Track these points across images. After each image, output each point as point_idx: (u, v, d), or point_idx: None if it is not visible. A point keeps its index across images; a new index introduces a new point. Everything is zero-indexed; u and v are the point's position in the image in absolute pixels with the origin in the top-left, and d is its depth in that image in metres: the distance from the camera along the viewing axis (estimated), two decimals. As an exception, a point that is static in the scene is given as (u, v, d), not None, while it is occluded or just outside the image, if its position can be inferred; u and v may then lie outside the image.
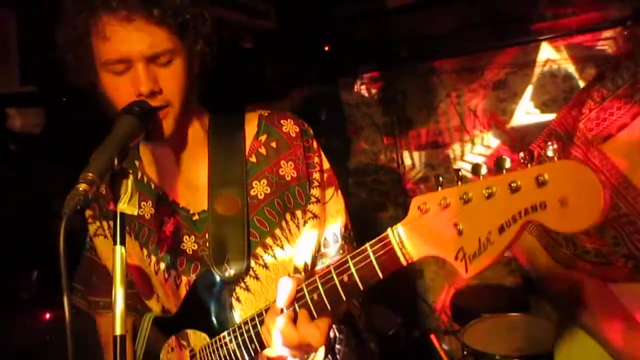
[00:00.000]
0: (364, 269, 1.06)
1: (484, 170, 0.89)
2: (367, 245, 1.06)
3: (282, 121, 1.49)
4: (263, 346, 1.27)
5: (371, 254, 1.04)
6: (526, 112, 4.34)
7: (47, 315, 3.22)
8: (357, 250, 1.08)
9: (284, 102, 4.98)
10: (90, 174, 1.02)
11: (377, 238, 1.05)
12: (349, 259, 1.08)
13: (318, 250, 1.52)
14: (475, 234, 0.88)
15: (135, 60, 1.25)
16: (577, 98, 1.59)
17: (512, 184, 0.83)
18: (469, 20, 4.32)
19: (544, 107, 4.27)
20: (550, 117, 4.17)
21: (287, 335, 1.15)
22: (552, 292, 1.73)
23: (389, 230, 1.02)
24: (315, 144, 1.51)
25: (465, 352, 2.97)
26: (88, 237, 1.69)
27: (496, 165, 0.87)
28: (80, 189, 1.00)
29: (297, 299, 1.17)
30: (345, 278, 1.08)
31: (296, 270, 1.48)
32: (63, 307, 0.96)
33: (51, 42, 1.39)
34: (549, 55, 4.19)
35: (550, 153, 0.81)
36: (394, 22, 4.55)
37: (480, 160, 4.54)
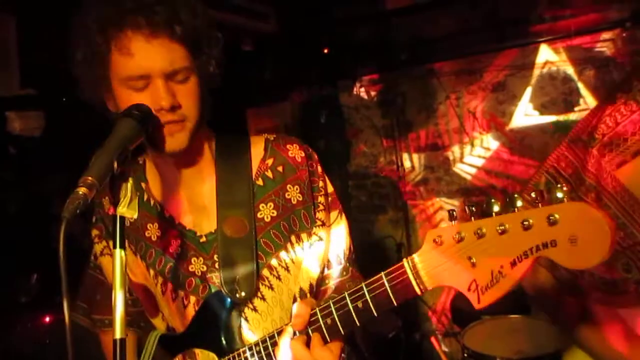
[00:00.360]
0: (379, 296, 1.12)
1: (496, 208, 0.95)
2: (383, 274, 1.12)
3: (287, 146, 1.53)
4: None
5: (386, 283, 1.10)
6: (525, 114, 4.34)
7: (47, 319, 3.22)
8: (372, 279, 1.14)
9: (283, 105, 4.99)
10: (89, 178, 1.03)
11: (392, 267, 1.11)
12: (364, 287, 1.14)
13: (322, 272, 1.56)
14: (488, 267, 0.95)
15: (155, 76, 1.29)
16: (580, 130, 1.58)
17: (525, 222, 0.89)
18: (468, 22, 4.33)
19: (543, 109, 4.28)
20: (550, 119, 4.21)
21: (300, 358, 1.20)
22: (547, 308, 1.74)
23: (404, 261, 1.08)
24: (319, 169, 1.56)
25: (465, 354, 2.96)
26: (93, 256, 1.71)
27: (508, 203, 0.94)
28: (80, 192, 1.00)
29: (310, 323, 1.22)
30: (360, 304, 1.14)
31: (301, 291, 1.52)
32: (62, 311, 0.97)
33: (51, 46, 1.40)
34: (548, 57, 4.20)
35: (559, 194, 0.88)
36: (393, 25, 4.57)
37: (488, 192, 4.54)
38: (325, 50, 4.63)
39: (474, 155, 4.59)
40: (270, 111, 5.11)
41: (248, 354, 1.36)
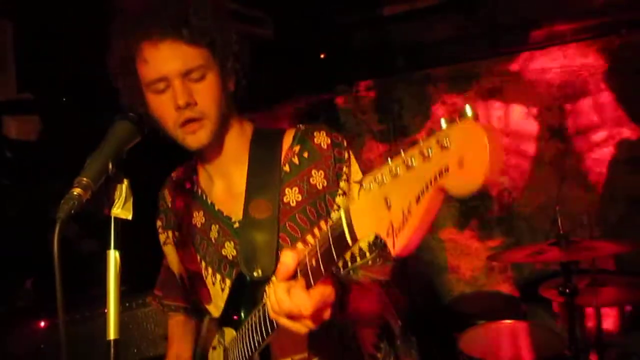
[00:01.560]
0: (325, 251, 1.08)
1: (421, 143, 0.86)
2: (329, 225, 1.12)
3: (315, 133, 1.58)
4: (273, 328, 1.29)
5: (329, 233, 1.06)
6: (521, 120, 4.36)
7: (43, 324, 3.20)
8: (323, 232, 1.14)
9: (280, 110, 5.00)
10: (84, 179, 1.04)
11: (334, 219, 1.05)
12: (317, 243, 1.12)
13: (352, 258, 1.52)
14: (399, 207, 0.87)
15: (172, 78, 1.40)
16: None
17: (424, 152, 0.81)
18: (464, 28, 4.36)
19: (538, 115, 4.30)
20: (545, 125, 4.22)
21: (279, 301, 1.14)
22: None
23: (341, 211, 1.02)
24: (346, 155, 1.58)
25: (461, 359, 2.97)
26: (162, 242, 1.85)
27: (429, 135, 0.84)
28: (75, 193, 1.01)
29: (300, 268, 1.15)
30: (313, 262, 1.10)
31: None
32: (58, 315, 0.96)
33: (48, 51, 1.45)
34: (544, 63, 4.22)
35: (459, 118, 0.79)
36: (390, 30, 4.59)
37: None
38: (322, 56, 4.64)
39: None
40: (266, 116, 5.12)
41: (255, 317, 1.36)
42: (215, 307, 1.67)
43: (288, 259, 1.17)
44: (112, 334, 1.04)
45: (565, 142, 4.18)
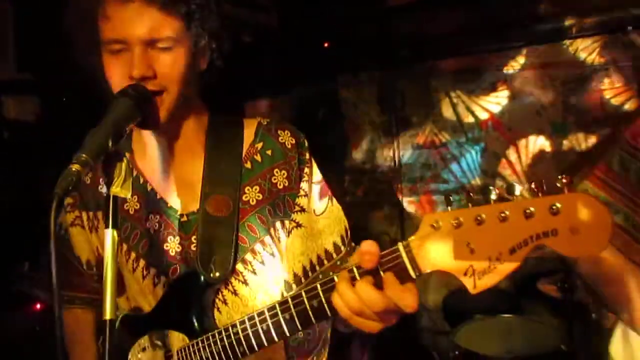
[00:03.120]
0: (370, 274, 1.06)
1: (493, 195, 0.96)
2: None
3: (279, 131, 1.50)
4: (252, 349, 1.25)
5: (379, 266, 1.06)
6: (524, 114, 4.34)
7: (38, 306, 3.20)
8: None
9: (282, 99, 4.98)
10: (83, 155, 1.01)
11: (387, 250, 1.07)
12: (354, 269, 1.08)
13: (319, 261, 1.51)
14: (486, 254, 0.95)
15: (133, 43, 1.25)
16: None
17: (527, 211, 0.91)
18: (469, 21, 4.32)
19: (542, 109, 4.28)
20: (548, 119, 4.20)
21: (370, 299, 1.04)
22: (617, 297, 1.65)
23: (399, 244, 1.06)
24: (307, 156, 1.52)
25: (456, 353, 2.96)
26: (58, 226, 1.61)
27: (507, 191, 0.95)
28: (73, 169, 0.98)
29: (381, 263, 1.07)
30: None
31: (295, 276, 1.48)
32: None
33: (48, 31, 1.39)
34: (548, 58, 4.19)
35: (560, 185, 0.90)
36: (394, 21, 4.55)
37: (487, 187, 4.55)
38: (326, 44, 4.61)
39: (471, 154, 4.58)
40: (268, 105, 5.10)
41: (224, 335, 1.29)
42: (131, 301, 1.54)
43: (373, 247, 1.07)
44: (108, 314, 1.02)
45: (568, 137, 4.17)
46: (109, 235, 1.06)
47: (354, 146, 5.14)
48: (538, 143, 4.28)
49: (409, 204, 4.93)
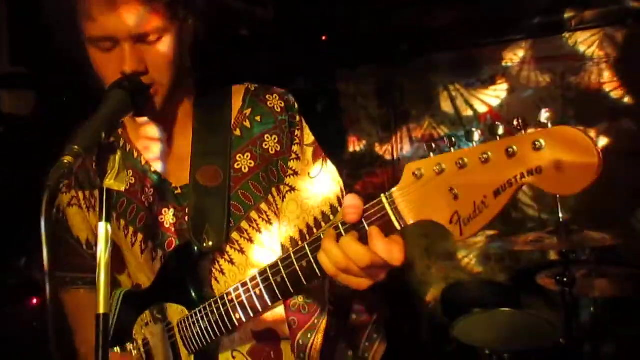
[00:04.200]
0: (360, 233, 1.05)
1: (476, 137, 0.92)
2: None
3: (267, 96, 1.48)
4: (248, 315, 1.25)
5: (363, 220, 1.04)
6: (523, 107, 4.33)
7: (35, 301, 3.18)
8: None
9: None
10: (76, 147, 0.99)
11: (370, 203, 1.04)
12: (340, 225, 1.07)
13: (316, 224, 1.48)
14: (470, 198, 0.91)
15: (122, 39, 1.23)
16: None
17: (509, 149, 0.86)
18: (467, 14, 4.30)
19: (541, 102, 4.26)
20: (547, 112, 4.18)
21: (357, 255, 1.02)
22: None
23: (382, 196, 1.02)
24: (298, 118, 1.50)
25: (455, 347, 2.96)
26: (55, 209, 1.64)
27: (489, 131, 0.90)
28: (65, 161, 0.96)
29: (365, 217, 1.05)
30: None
31: (292, 240, 1.46)
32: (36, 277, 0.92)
33: (42, 23, 1.36)
34: (547, 51, 4.18)
35: (543, 119, 0.84)
36: (392, 15, 4.53)
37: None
38: (324, 38, 4.58)
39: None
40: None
41: (220, 303, 1.29)
42: (133, 278, 1.54)
43: (356, 200, 1.05)
44: (101, 308, 1.00)
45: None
46: (103, 228, 1.05)
47: (353, 140, 5.12)
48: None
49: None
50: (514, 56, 4.32)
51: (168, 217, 1.47)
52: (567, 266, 2.84)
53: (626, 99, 3.99)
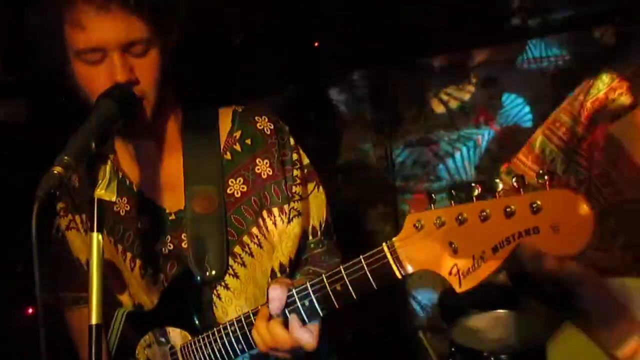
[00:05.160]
0: (358, 280, 1.10)
1: (476, 192, 0.96)
2: (362, 257, 1.11)
3: (256, 118, 1.49)
4: (251, 346, 1.29)
5: (365, 266, 1.09)
6: (515, 110, 4.34)
7: (31, 310, 3.17)
8: (351, 262, 1.12)
9: (273, 98, 4.95)
10: (66, 157, 1.00)
11: (371, 251, 1.10)
12: (342, 270, 1.12)
13: (300, 245, 1.53)
14: (469, 252, 0.95)
15: (111, 49, 1.24)
16: (585, 84, 1.61)
17: (507, 209, 0.90)
18: (459, 17, 4.31)
19: (533, 104, 4.28)
20: (539, 114, 4.20)
21: (280, 339, 1.18)
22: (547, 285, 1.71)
23: (384, 245, 1.08)
24: (291, 141, 1.52)
25: (453, 349, 2.95)
26: (55, 230, 1.67)
27: (489, 188, 0.94)
28: (55, 171, 0.97)
29: (287, 304, 1.19)
30: (339, 287, 1.13)
31: (281, 266, 1.48)
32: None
33: (29, 37, 1.37)
34: (539, 52, 4.20)
35: (540, 181, 0.89)
36: (384, 19, 4.54)
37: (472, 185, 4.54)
38: (316, 44, 4.59)
39: (463, 151, 4.58)
40: (259, 105, 5.06)
41: (223, 333, 1.33)
42: (135, 298, 1.56)
43: (278, 293, 1.19)
44: (94, 319, 1.00)
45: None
46: (95, 239, 1.05)
47: (347, 145, 5.12)
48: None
49: (402, 202, 4.92)
50: (507, 57, 4.34)
51: (165, 243, 1.48)
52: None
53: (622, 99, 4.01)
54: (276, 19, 4.08)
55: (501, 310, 3.19)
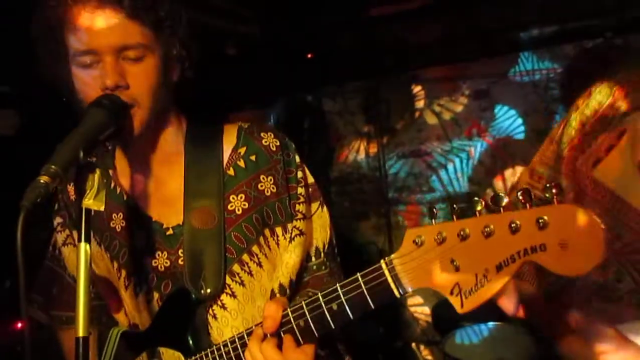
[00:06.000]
0: (355, 298, 1.06)
1: (479, 207, 0.90)
2: (359, 275, 1.06)
3: (262, 134, 1.46)
4: None
5: (363, 284, 1.05)
6: (507, 122, 4.36)
7: (20, 325, 3.12)
8: (348, 280, 1.08)
9: (267, 111, 4.95)
10: (53, 167, 0.98)
11: (369, 269, 1.05)
12: (339, 288, 1.09)
13: (302, 266, 1.48)
14: (472, 271, 0.89)
15: (104, 53, 1.22)
16: (554, 133, 1.53)
17: (512, 225, 0.84)
18: (452, 30, 4.34)
19: (525, 116, 4.30)
20: (531, 126, 4.22)
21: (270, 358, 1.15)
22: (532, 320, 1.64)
23: (382, 262, 1.03)
24: (297, 159, 1.48)
25: (447, 362, 2.93)
26: (51, 246, 1.63)
27: (493, 202, 0.88)
28: (42, 181, 0.95)
29: (282, 324, 1.17)
30: (335, 306, 1.09)
31: (281, 287, 1.43)
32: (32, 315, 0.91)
33: (24, 42, 1.35)
34: (531, 65, 4.23)
35: (547, 195, 0.83)
36: (377, 31, 4.56)
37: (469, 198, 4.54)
38: (309, 56, 4.60)
39: (456, 162, 4.59)
40: (252, 117, 5.07)
41: (216, 354, 1.30)
42: (130, 317, 1.51)
43: (273, 311, 1.17)
44: (80, 331, 0.98)
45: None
46: (82, 249, 1.03)
47: (340, 156, 5.12)
48: (523, 149, 4.29)
49: (395, 213, 4.92)
50: (499, 70, 4.36)
51: (161, 260, 1.43)
52: (557, 278, 2.83)
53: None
54: (270, 30, 4.09)
55: (495, 323, 3.19)
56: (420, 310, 4.55)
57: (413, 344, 3.54)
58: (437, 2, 4.29)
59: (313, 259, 1.50)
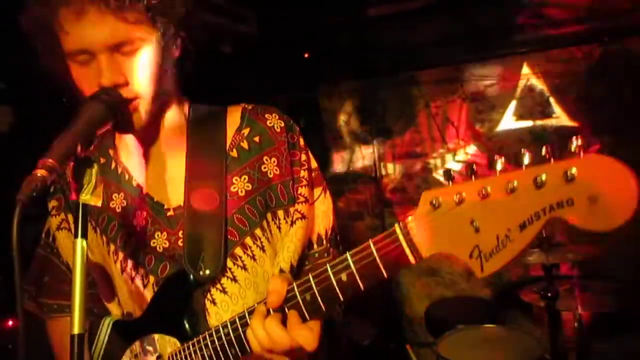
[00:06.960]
0: (366, 267, 0.99)
1: (499, 166, 0.85)
2: (371, 241, 0.99)
3: (266, 115, 1.42)
4: (244, 351, 1.19)
5: (375, 251, 0.98)
6: (503, 124, 4.37)
7: (11, 323, 3.09)
8: (359, 248, 1.01)
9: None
10: (49, 160, 0.96)
11: (382, 234, 0.98)
12: (349, 257, 1.02)
13: (303, 252, 1.45)
14: (493, 231, 0.84)
15: (98, 51, 1.20)
16: None
17: (537, 179, 0.79)
18: (449, 32, 4.35)
19: (521, 119, 4.31)
20: (527, 129, 4.23)
21: (277, 338, 1.08)
22: None
23: (396, 226, 0.96)
24: (301, 141, 1.45)
25: (440, 363, 2.93)
26: (43, 233, 1.59)
27: (515, 160, 0.83)
28: (38, 174, 0.93)
29: (286, 299, 1.11)
30: (344, 277, 1.02)
31: (281, 272, 1.39)
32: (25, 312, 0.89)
33: (19, 39, 1.34)
34: (527, 68, 4.23)
35: (573, 149, 0.78)
36: (375, 32, 4.56)
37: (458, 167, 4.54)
38: (306, 55, 4.60)
39: (452, 164, 4.59)
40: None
41: (215, 337, 1.24)
42: (123, 305, 1.47)
43: (279, 285, 1.11)
44: (76, 328, 0.96)
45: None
46: (78, 245, 1.01)
47: (335, 157, 5.12)
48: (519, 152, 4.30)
49: (390, 214, 4.91)
50: (495, 73, 4.37)
51: (160, 240, 1.40)
52: (551, 281, 2.84)
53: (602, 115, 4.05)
54: (267, 29, 4.09)
55: (488, 325, 3.19)
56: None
57: (407, 345, 3.53)
58: (434, 4, 4.30)
59: (315, 246, 1.47)
